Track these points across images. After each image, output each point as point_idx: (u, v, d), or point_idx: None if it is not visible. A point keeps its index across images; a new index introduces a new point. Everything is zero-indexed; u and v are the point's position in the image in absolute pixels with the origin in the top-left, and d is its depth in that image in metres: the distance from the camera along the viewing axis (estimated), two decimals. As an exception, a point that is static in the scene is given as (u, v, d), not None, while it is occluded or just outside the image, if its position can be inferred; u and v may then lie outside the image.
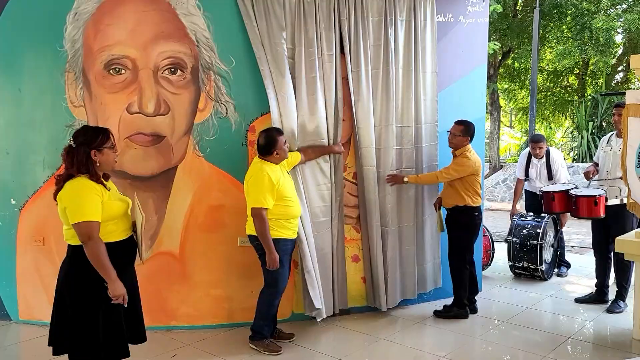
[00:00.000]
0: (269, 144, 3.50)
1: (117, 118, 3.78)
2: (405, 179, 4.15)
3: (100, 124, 3.76)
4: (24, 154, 3.97)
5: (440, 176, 4.14)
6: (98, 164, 2.55)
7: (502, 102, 18.03)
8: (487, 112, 13.34)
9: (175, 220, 3.90)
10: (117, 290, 2.46)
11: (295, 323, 4.07)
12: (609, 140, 4.52)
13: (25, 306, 4.06)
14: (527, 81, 15.73)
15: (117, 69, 3.77)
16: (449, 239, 4.27)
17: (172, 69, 3.79)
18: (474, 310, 4.34)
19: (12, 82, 3.95)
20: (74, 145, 2.52)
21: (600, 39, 12.47)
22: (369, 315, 4.28)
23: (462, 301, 4.24)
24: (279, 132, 3.60)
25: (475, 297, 4.42)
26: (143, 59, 3.75)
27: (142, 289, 3.78)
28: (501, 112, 17.64)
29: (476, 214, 4.18)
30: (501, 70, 16.06)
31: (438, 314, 4.28)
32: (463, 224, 4.19)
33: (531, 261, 5.19)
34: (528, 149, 5.58)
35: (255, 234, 3.46)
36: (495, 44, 12.65)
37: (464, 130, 4.11)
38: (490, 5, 6.10)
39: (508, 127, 22.30)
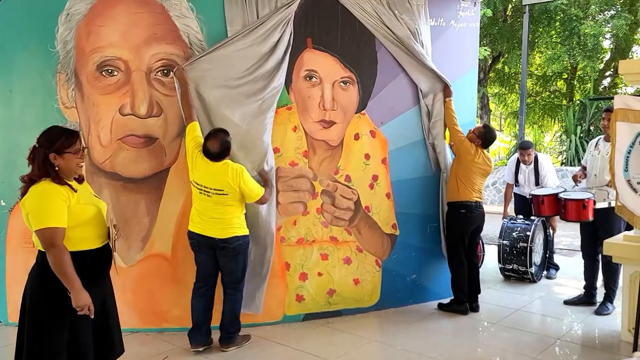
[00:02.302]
0: (227, 150, 3.47)
1: (109, 120, 3.77)
2: (447, 99, 4.43)
3: (92, 125, 3.75)
4: (15, 155, 3.92)
5: (455, 129, 4.36)
6: (57, 168, 2.34)
7: (492, 106, 18.18)
8: (477, 116, 13.42)
9: (167, 223, 3.89)
10: (80, 300, 2.28)
11: (287, 325, 4.08)
12: (597, 144, 4.56)
13: (14, 309, 4.00)
14: (516, 85, 15.87)
15: (110, 71, 3.75)
16: None
17: (165, 71, 3.79)
18: (475, 309, 4.44)
19: (3, 82, 3.91)
20: (37, 146, 2.35)
21: (588, 44, 12.65)
22: (360, 317, 4.30)
23: (458, 297, 4.37)
24: (227, 133, 3.53)
25: (477, 297, 4.51)
26: (136, 60, 3.74)
27: (133, 291, 3.81)
28: (491, 116, 17.77)
29: (462, 210, 4.32)
30: (491, 74, 16.21)
31: (441, 306, 4.46)
32: (449, 218, 4.42)
33: (521, 263, 5.23)
34: (517, 154, 5.63)
35: (238, 235, 3.48)
36: (485, 50, 12.75)
37: (481, 132, 4.34)
38: (480, 9, 6.16)
39: (498, 130, 22.47)
